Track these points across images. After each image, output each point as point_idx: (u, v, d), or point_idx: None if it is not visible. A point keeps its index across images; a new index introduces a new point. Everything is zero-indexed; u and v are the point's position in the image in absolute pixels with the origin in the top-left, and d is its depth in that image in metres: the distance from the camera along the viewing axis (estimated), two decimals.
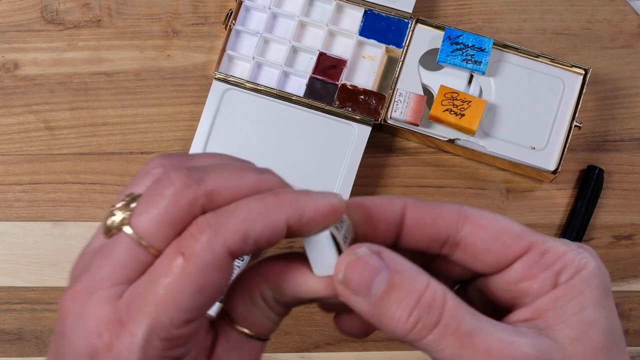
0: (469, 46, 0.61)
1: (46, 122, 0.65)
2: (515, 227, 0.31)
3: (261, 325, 0.31)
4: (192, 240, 0.28)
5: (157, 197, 0.29)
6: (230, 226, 0.28)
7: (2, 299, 0.63)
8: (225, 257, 0.28)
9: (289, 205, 0.29)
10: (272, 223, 0.28)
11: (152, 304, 0.28)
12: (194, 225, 0.28)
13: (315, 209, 0.29)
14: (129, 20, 0.66)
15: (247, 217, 0.28)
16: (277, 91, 0.62)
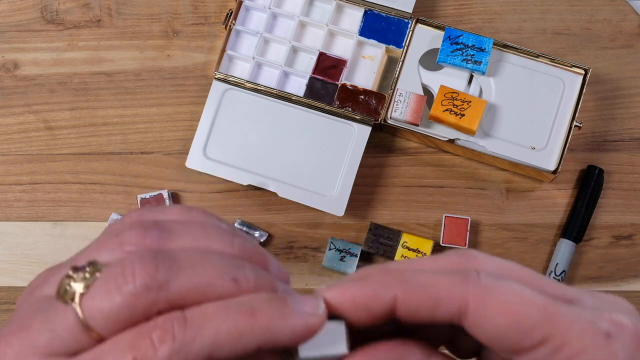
0: (469, 46, 0.61)
1: (46, 122, 0.65)
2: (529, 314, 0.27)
3: None
4: (149, 348, 0.25)
5: (113, 288, 0.26)
6: (196, 346, 0.25)
7: (2, 299, 0.63)
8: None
9: (263, 330, 0.26)
10: (242, 348, 0.26)
11: None
12: (155, 329, 0.26)
13: (290, 333, 0.27)
14: (129, 20, 0.66)
15: (215, 340, 0.26)
16: (277, 91, 0.62)
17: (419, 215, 0.63)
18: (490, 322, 0.27)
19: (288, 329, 0.26)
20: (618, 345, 0.27)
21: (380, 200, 0.63)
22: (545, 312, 0.27)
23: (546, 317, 0.27)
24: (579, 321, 0.27)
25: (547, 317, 0.27)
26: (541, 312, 0.27)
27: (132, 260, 0.26)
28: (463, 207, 0.63)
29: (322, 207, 0.60)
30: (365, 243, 0.62)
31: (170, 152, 0.64)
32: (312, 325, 0.27)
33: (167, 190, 0.63)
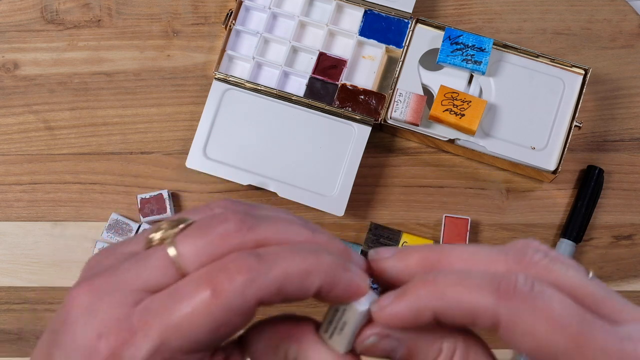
0: (469, 46, 0.61)
1: (46, 122, 0.65)
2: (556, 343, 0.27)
3: None
4: (226, 277, 0.28)
5: (207, 229, 0.29)
6: (269, 278, 0.28)
7: (3, 299, 0.63)
8: (253, 306, 0.28)
9: (327, 272, 0.29)
10: (306, 285, 0.29)
11: (166, 325, 0.27)
12: (233, 261, 0.28)
13: (346, 286, 0.30)
14: (129, 20, 0.66)
15: (285, 274, 0.28)
16: (277, 91, 0.62)
17: (419, 215, 0.63)
18: (519, 343, 0.28)
19: (346, 280, 0.29)
20: None
21: (380, 200, 0.63)
22: (572, 342, 0.27)
23: (573, 345, 0.27)
24: (607, 353, 0.27)
25: (574, 346, 0.27)
26: (568, 342, 0.27)
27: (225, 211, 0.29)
28: (463, 207, 0.63)
29: (322, 207, 0.60)
30: (365, 243, 0.62)
31: (170, 152, 0.64)
32: (362, 286, 0.30)
33: (167, 190, 0.63)
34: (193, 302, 0.27)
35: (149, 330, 0.27)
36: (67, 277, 0.63)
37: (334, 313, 0.31)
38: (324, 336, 0.31)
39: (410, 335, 0.30)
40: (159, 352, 0.27)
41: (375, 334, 0.30)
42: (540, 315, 0.27)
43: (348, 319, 0.31)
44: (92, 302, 0.29)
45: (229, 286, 0.27)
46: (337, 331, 0.31)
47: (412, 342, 0.30)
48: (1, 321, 0.63)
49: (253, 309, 0.28)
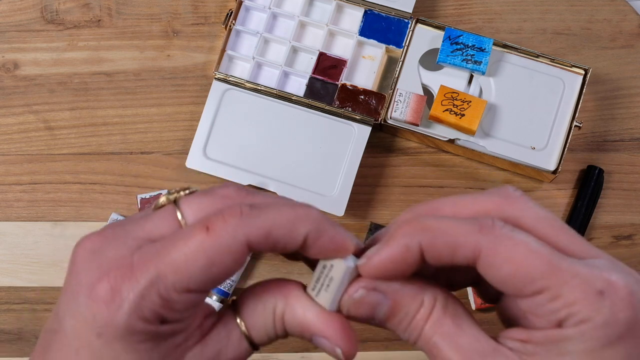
0: (469, 46, 0.61)
1: (46, 122, 0.65)
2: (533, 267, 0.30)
3: (258, 331, 0.33)
4: (220, 220, 0.30)
5: (209, 192, 0.32)
6: (258, 222, 0.30)
7: (2, 299, 0.63)
8: (243, 246, 0.30)
9: (314, 222, 0.31)
10: (294, 232, 0.31)
11: (163, 262, 0.30)
12: (228, 209, 0.30)
13: (331, 237, 0.31)
14: (129, 20, 0.66)
15: (275, 220, 0.30)
16: (277, 91, 0.62)
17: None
18: (498, 269, 0.30)
19: (332, 232, 0.31)
20: (606, 303, 0.29)
21: (380, 200, 0.63)
22: (548, 265, 0.30)
23: (548, 269, 0.30)
24: (577, 276, 0.30)
25: (549, 270, 0.30)
26: (544, 265, 0.30)
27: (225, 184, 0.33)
28: None
29: (322, 207, 0.60)
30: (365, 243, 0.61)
31: (170, 152, 0.64)
32: (348, 241, 0.32)
33: (167, 190, 0.63)
34: (189, 241, 0.30)
35: (147, 266, 0.30)
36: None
37: (321, 270, 0.32)
38: (311, 294, 0.32)
39: (394, 287, 0.32)
40: (154, 286, 0.29)
41: (362, 287, 0.32)
42: (518, 246, 0.30)
43: (335, 274, 0.32)
44: (97, 247, 0.31)
45: (222, 225, 0.30)
46: (324, 287, 0.32)
47: (396, 295, 0.32)
48: (1, 321, 0.63)
49: (243, 251, 0.30)
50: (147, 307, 0.30)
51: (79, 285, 0.30)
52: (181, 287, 0.30)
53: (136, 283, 0.30)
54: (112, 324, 0.30)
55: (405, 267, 0.31)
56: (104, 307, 0.30)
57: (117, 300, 0.29)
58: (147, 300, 0.30)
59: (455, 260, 0.31)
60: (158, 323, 0.30)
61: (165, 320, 0.30)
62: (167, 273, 0.30)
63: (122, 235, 0.31)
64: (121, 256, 0.30)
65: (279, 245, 0.31)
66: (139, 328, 0.30)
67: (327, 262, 0.32)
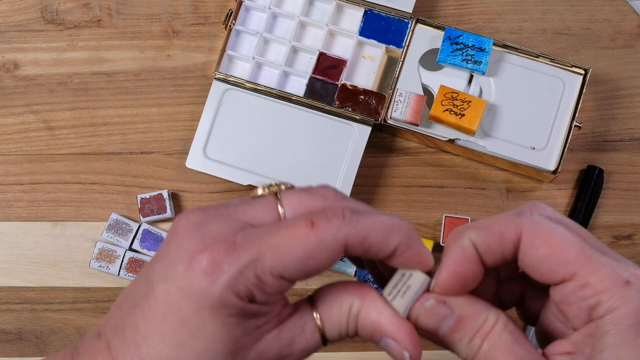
0: (469, 46, 0.61)
1: (46, 122, 0.65)
2: (568, 250, 0.32)
3: (332, 326, 0.34)
4: (324, 218, 0.32)
5: (310, 190, 0.34)
6: (358, 226, 0.32)
7: (2, 299, 0.63)
8: (340, 246, 0.32)
9: (405, 234, 0.33)
10: (388, 240, 0.33)
11: (265, 244, 0.32)
12: (331, 210, 0.33)
13: (419, 251, 0.34)
14: (129, 20, 0.66)
15: (372, 226, 0.32)
16: (277, 91, 0.62)
17: (419, 215, 0.63)
18: (535, 250, 0.33)
19: (419, 246, 0.34)
20: (633, 292, 0.31)
21: (380, 200, 0.63)
22: (580, 252, 0.32)
23: (580, 256, 0.32)
24: (606, 267, 0.32)
25: (581, 256, 0.32)
26: (577, 251, 0.32)
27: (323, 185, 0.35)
28: (463, 207, 0.63)
29: None
30: None
31: (170, 152, 0.64)
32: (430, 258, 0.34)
33: (167, 190, 0.63)
34: (293, 232, 0.32)
35: (249, 246, 0.32)
36: (67, 277, 0.63)
37: (399, 278, 0.34)
38: (387, 297, 0.34)
39: (461, 303, 0.34)
40: (253, 265, 0.31)
41: (434, 297, 0.34)
42: (554, 231, 0.33)
43: (413, 283, 0.34)
44: (201, 221, 0.33)
45: (325, 224, 0.32)
46: (400, 294, 0.34)
47: (463, 309, 0.34)
48: (1, 321, 0.63)
49: (339, 250, 0.32)
50: (243, 283, 0.31)
51: (179, 254, 0.32)
52: (277, 272, 0.31)
53: (237, 259, 0.31)
54: (208, 293, 0.31)
55: (469, 268, 0.33)
56: (202, 276, 0.31)
57: (216, 272, 0.31)
58: (244, 277, 0.31)
59: (504, 248, 0.33)
60: (247, 301, 0.32)
61: (254, 299, 0.32)
62: (267, 256, 0.31)
63: (225, 214, 0.33)
64: (225, 233, 0.32)
65: (372, 250, 0.33)
66: (230, 302, 0.31)
67: (407, 272, 0.34)
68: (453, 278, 0.34)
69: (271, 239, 0.32)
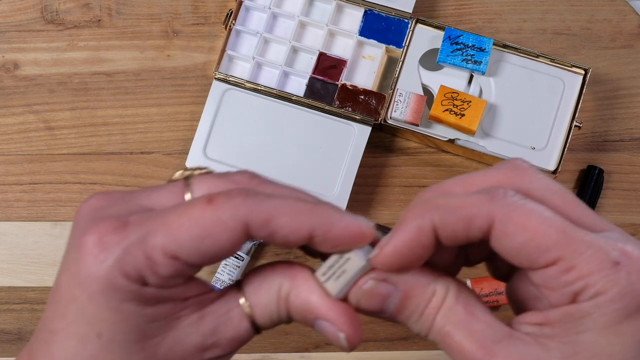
0: (469, 46, 0.61)
1: (46, 122, 0.65)
2: (547, 235, 0.29)
3: (261, 311, 0.32)
4: (224, 196, 0.29)
5: (223, 174, 0.32)
6: (261, 206, 0.29)
7: (2, 299, 0.63)
8: (241, 226, 0.29)
9: (321, 216, 0.30)
10: (296, 224, 0.30)
11: (158, 222, 0.29)
12: (235, 188, 0.30)
13: (343, 228, 0.30)
14: (129, 20, 0.66)
15: (278, 208, 0.30)
16: (277, 91, 0.62)
17: None
18: (511, 238, 0.29)
19: (343, 223, 0.30)
20: (623, 274, 0.29)
21: (380, 200, 0.63)
22: (562, 235, 0.29)
23: (562, 239, 0.29)
24: (592, 247, 0.29)
25: (563, 239, 0.29)
26: (558, 234, 0.29)
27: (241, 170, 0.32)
28: None
29: None
30: None
31: (170, 152, 0.64)
32: (364, 231, 0.30)
33: None
34: (188, 209, 0.29)
35: (139, 225, 0.29)
36: None
37: (336, 259, 0.31)
38: (319, 278, 0.31)
39: (405, 278, 0.31)
40: (142, 244, 0.29)
41: (372, 278, 0.31)
42: (532, 213, 0.29)
43: (349, 267, 0.31)
44: (100, 206, 0.31)
45: (224, 200, 0.29)
46: (334, 277, 0.31)
47: (407, 285, 0.31)
48: (1, 321, 0.63)
49: (240, 232, 0.29)
50: (130, 263, 0.29)
51: (73, 240, 0.30)
52: (170, 251, 0.29)
53: (124, 237, 0.29)
54: (95, 276, 0.29)
55: (420, 251, 0.30)
56: (90, 258, 0.29)
57: (102, 252, 0.29)
58: (131, 256, 0.29)
59: (471, 234, 0.30)
60: (140, 284, 0.29)
61: (147, 282, 0.29)
62: (157, 233, 0.29)
63: (127, 199, 0.31)
64: (118, 215, 0.30)
65: (279, 235, 0.30)
66: (120, 284, 0.29)
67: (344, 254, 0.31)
68: (396, 257, 0.30)
69: (164, 217, 0.29)
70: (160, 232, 0.29)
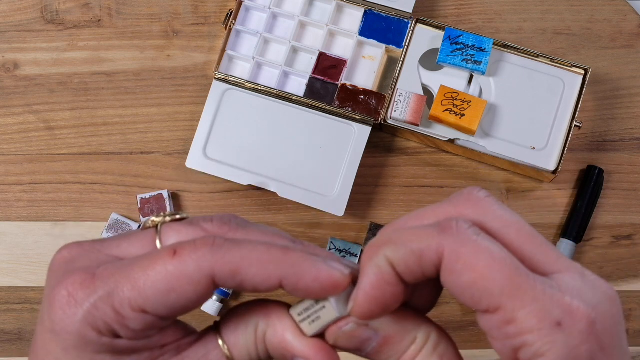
0: (469, 46, 0.61)
1: (46, 122, 0.65)
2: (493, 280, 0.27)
3: (240, 351, 0.32)
4: (189, 247, 0.29)
5: (194, 221, 0.32)
6: (228, 257, 0.29)
7: (2, 299, 0.63)
8: (207, 278, 0.29)
9: (291, 266, 0.29)
10: (265, 275, 0.29)
11: (124, 276, 0.29)
12: (202, 238, 0.30)
13: (314, 278, 0.29)
14: (129, 20, 0.66)
15: (246, 258, 0.29)
16: (277, 91, 0.62)
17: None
18: (458, 276, 0.28)
19: (313, 273, 0.29)
20: (563, 336, 0.27)
21: (380, 200, 0.63)
22: (508, 282, 0.27)
23: (507, 287, 0.27)
24: (536, 301, 0.27)
25: (508, 288, 0.27)
26: (505, 280, 0.27)
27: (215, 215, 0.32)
28: None
29: (322, 207, 0.60)
30: (365, 243, 0.61)
31: (170, 152, 0.64)
32: (336, 277, 0.30)
33: (167, 190, 0.63)
34: (153, 262, 0.29)
35: (107, 278, 0.29)
36: None
37: (312, 304, 0.31)
38: (295, 317, 0.31)
39: (386, 322, 0.31)
40: (110, 299, 0.29)
41: (353, 321, 0.31)
42: (481, 252, 0.28)
43: (323, 315, 0.30)
44: (71, 257, 0.31)
45: (189, 253, 0.29)
46: (309, 321, 0.31)
47: (388, 331, 0.31)
48: (1, 321, 0.63)
49: (206, 284, 0.29)
50: (100, 318, 0.29)
51: (46, 293, 0.31)
52: (137, 306, 0.29)
53: (93, 292, 0.29)
54: (67, 330, 0.29)
55: (390, 289, 0.29)
56: (60, 312, 0.29)
57: (72, 307, 0.29)
58: (101, 311, 0.29)
59: (425, 269, 0.29)
60: (112, 337, 0.29)
61: (119, 335, 0.30)
62: (124, 289, 0.29)
63: (98, 249, 0.31)
64: (87, 267, 0.30)
65: (248, 284, 0.29)
66: (91, 338, 0.29)
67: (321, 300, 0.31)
68: (371, 303, 0.29)
69: (130, 270, 0.29)
70: (127, 286, 0.29)
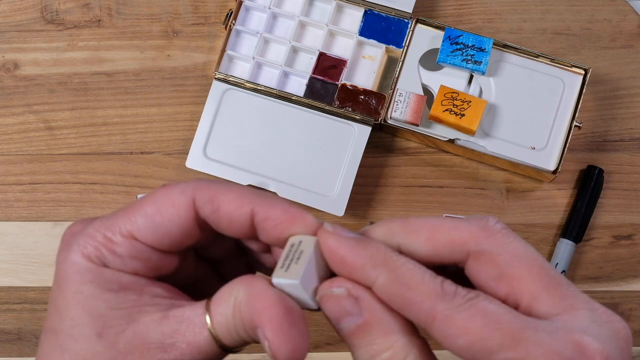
0: (469, 46, 0.61)
1: (46, 122, 0.65)
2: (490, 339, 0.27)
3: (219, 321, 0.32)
4: (176, 182, 0.33)
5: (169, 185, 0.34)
6: (208, 187, 0.32)
7: (2, 299, 0.63)
8: (187, 202, 0.32)
9: (263, 197, 0.32)
10: (239, 201, 0.32)
11: (119, 211, 0.33)
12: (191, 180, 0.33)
13: (284, 209, 0.32)
14: (129, 20, 0.66)
15: (221, 189, 0.32)
16: (277, 91, 0.62)
17: (419, 215, 0.63)
18: (453, 340, 0.28)
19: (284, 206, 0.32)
20: None
21: (380, 200, 0.63)
22: (508, 337, 0.27)
23: (508, 341, 0.27)
24: (542, 346, 0.27)
25: (509, 341, 0.27)
26: (503, 337, 0.27)
27: None
28: (463, 207, 0.63)
29: (322, 207, 0.60)
30: None
31: (170, 152, 0.64)
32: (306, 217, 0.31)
33: None
34: (146, 196, 0.33)
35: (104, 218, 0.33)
36: None
37: (290, 248, 0.31)
38: (279, 272, 0.30)
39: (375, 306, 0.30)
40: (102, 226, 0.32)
41: (345, 286, 0.30)
42: (475, 316, 0.28)
43: (305, 247, 0.30)
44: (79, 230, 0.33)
45: (175, 183, 0.33)
46: (294, 261, 0.30)
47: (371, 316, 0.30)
48: (1, 321, 0.63)
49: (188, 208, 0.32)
50: (91, 244, 0.32)
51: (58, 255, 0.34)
52: (126, 230, 0.32)
53: (89, 224, 0.33)
54: (64, 260, 0.32)
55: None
56: (61, 248, 0.33)
57: (70, 241, 0.33)
58: (91, 238, 0.32)
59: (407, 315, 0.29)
60: (100, 264, 0.32)
61: (107, 263, 0.32)
62: (117, 217, 0.32)
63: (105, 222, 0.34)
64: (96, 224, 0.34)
65: (223, 211, 0.32)
66: (80, 264, 0.32)
67: (297, 239, 0.31)
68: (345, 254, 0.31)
69: (126, 207, 0.33)
70: (120, 216, 0.32)
